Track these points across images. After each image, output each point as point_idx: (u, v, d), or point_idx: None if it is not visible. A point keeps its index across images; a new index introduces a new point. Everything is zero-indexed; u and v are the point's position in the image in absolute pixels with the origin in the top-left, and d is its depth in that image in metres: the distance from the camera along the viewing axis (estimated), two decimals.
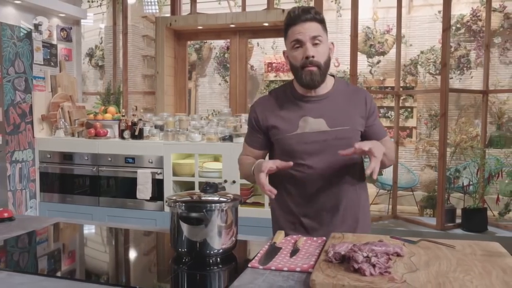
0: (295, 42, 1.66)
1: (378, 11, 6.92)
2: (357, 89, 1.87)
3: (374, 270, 1.17)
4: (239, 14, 5.01)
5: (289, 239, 1.58)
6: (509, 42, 6.56)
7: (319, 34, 1.65)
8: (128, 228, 1.82)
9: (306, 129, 1.70)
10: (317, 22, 1.66)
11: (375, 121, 1.81)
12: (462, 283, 1.12)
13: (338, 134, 1.70)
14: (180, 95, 5.47)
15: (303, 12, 1.65)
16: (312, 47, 1.65)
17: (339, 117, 1.72)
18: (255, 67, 7.91)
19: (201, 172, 3.60)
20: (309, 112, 1.72)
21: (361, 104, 1.76)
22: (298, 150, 1.71)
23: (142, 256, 1.58)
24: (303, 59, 1.66)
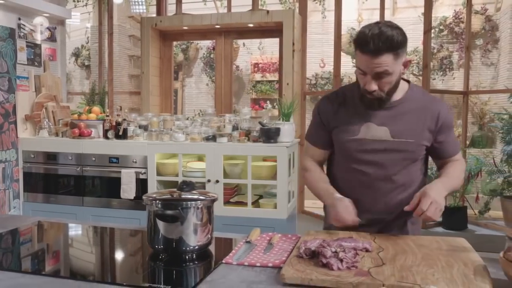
0: (359, 69, 1.56)
1: (363, 13, 7.01)
2: (432, 100, 1.67)
3: (341, 265, 1.22)
4: (224, 15, 5.05)
5: (264, 236, 1.62)
6: (490, 44, 6.68)
7: (386, 69, 1.50)
8: (106, 226, 1.85)
9: (367, 135, 1.62)
10: (390, 52, 1.48)
11: (447, 137, 1.66)
12: (424, 276, 1.17)
13: (400, 146, 1.61)
14: (166, 95, 5.49)
15: (372, 41, 1.46)
16: (376, 81, 1.53)
17: (404, 128, 1.61)
18: (241, 67, 7.95)
19: (185, 172, 3.63)
20: (374, 119, 1.62)
21: (433, 117, 1.62)
22: (356, 156, 1.65)
23: (119, 252, 1.61)
24: (364, 86, 1.57)
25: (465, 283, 1.12)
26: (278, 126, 3.51)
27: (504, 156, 5.12)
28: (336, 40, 4.98)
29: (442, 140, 1.65)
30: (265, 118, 3.75)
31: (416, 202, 1.48)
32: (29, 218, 1.97)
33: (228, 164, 3.62)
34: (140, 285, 1.20)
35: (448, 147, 1.67)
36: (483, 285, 1.11)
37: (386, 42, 1.45)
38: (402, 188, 1.65)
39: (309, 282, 1.17)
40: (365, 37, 1.47)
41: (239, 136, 3.56)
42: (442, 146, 1.66)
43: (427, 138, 1.62)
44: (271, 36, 5.42)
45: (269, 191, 3.76)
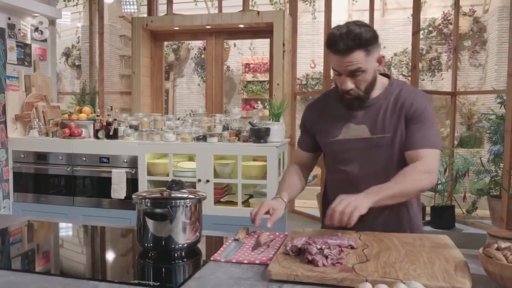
0: (334, 70, 1.57)
1: (353, 14, 7.07)
2: (408, 91, 1.65)
3: (326, 261, 1.25)
4: (215, 15, 5.07)
5: (252, 234, 1.65)
6: (478, 45, 6.77)
7: (359, 66, 1.52)
8: (96, 225, 1.87)
9: (347, 135, 1.66)
10: (360, 49, 1.49)
11: (419, 129, 1.59)
12: (406, 271, 1.21)
13: (378, 142, 1.62)
14: (157, 95, 5.50)
15: (341, 40, 1.48)
16: (352, 79, 1.55)
17: (381, 123, 1.62)
18: (232, 67, 7.97)
19: (176, 172, 3.64)
20: (353, 119, 1.65)
21: (405, 108, 1.61)
22: (338, 156, 1.69)
23: (109, 250, 1.63)
24: (341, 87, 1.59)
25: (445, 278, 1.16)
26: (268, 126, 3.54)
27: (491, 156, 5.20)
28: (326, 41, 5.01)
29: (410, 130, 1.59)
30: (255, 118, 3.78)
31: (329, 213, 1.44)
32: (19, 218, 1.98)
33: (219, 164, 3.64)
34: (129, 282, 1.22)
35: (414, 138, 1.58)
36: (462, 280, 1.14)
37: (355, 40, 1.48)
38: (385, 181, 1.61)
39: (294, 278, 1.20)
40: (334, 38, 1.50)
41: (230, 136, 3.59)
42: (409, 136, 1.59)
43: (401, 130, 1.61)
44: (262, 37, 5.45)
45: (259, 190, 3.79)
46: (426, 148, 1.57)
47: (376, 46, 1.55)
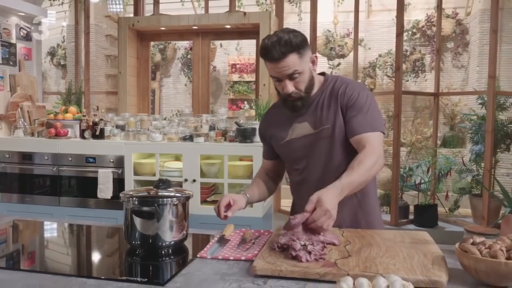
0: (273, 77, 1.66)
1: (339, 15, 7.14)
2: (341, 82, 1.73)
3: (309, 257, 1.29)
4: (202, 16, 5.09)
5: (237, 232, 1.69)
6: (461, 47, 6.89)
7: (295, 69, 1.60)
8: (83, 224, 1.88)
9: (293, 135, 1.75)
10: (292, 53, 1.58)
11: (355, 116, 1.64)
12: (386, 266, 1.25)
13: (321, 134, 1.69)
14: (143, 95, 5.50)
15: (274, 48, 1.57)
16: (291, 82, 1.63)
17: (320, 117, 1.70)
18: (218, 68, 7.99)
19: (162, 172, 3.66)
20: (296, 118, 1.75)
21: (338, 97, 1.69)
22: (289, 157, 1.80)
23: (97, 248, 1.65)
24: (283, 92, 1.66)
25: (423, 272, 1.21)
26: (254, 126, 3.58)
27: (473, 156, 5.30)
28: (312, 42, 5.07)
29: (348, 118, 1.66)
30: (241, 119, 3.81)
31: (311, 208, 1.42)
32: (4, 218, 1.99)
33: (205, 163, 3.66)
34: (117, 279, 1.25)
35: (353, 125, 1.64)
36: (439, 274, 1.19)
37: (286, 45, 1.56)
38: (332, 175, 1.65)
39: (279, 273, 1.24)
40: (267, 47, 1.58)
41: (216, 136, 3.62)
42: (348, 124, 1.66)
43: (339, 119, 1.67)
44: (248, 38, 5.48)
45: (245, 190, 3.81)
46: (367, 132, 1.62)
47: (307, 48, 1.63)
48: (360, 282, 1.10)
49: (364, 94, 1.68)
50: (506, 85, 5.73)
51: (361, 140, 1.62)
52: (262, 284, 1.21)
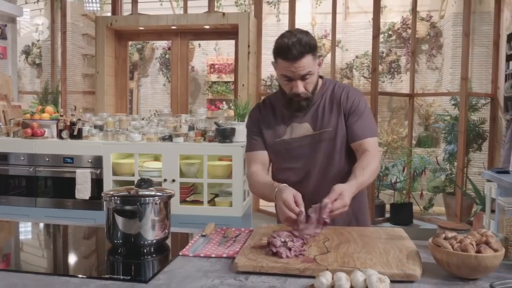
0: (284, 76, 1.67)
1: (316, 17, 7.21)
2: (341, 88, 1.81)
3: (290, 253, 1.33)
4: (180, 16, 5.09)
5: (219, 230, 1.71)
6: (435, 49, 7.05)
7: (309, 70, 1.64)
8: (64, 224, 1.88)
9: (292, 134, 1.78)
10: (309, 54, 1.62)
11: (357, 121, 1.74)
12: (363, 261, 1.30)
13: (321, 137, 1.75)
14: (121, 95, 5.47)
15: (294, 47, 1.59)
16: (302, 82, 1.66)
17: (322, 119, 1.76)
18: (197, 68, 7.98)
19: (141, 172, 3.65)
20: (295, 118, 1.78)
21: (340, 103, 1.76)
22: (286, 155, 1.80)
23: (78, 248, 1.65)
24: (291, 91, 1.69)
25: (398, 266, 1.26)
26: (234, 126, 3.61)
27: (446, 155, 5.44)
28: None
29: (350, 123, 1.75)
30: (220, 119, 3.84)
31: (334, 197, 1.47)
32: None
33: (184, 163, 3.67)
34: (101, 277, 1.26)
35: (357, 130, 1.73)
36: (413, 267, 1.25)
37: (305, 46, 1.60)
38: (331, 176, 1.76)
39: (260, 270, 1.27)
40: (287, 46, 1.60)
41: (195, 136, 3.63)
42: (350, 128, 1.74)
43: (341, 123, 1.75)
44: (227, 38, 5.51)
45: (224, 189, 3.84)
46: (368, 138, 1.74)
47: (317, 51, 1.69)
48: (339, 277, 1.14)
49: (363, 101, 1.80)
50: (478, 87, 5.90)
51: (363, 144, 1.72)
52: (244, 280, 1.24)
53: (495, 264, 1.23)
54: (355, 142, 1.74)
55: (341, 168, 1.77)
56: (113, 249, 1.52)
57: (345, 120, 1.75)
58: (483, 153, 5.43)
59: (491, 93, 5.19)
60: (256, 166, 1.83)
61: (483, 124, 5.31)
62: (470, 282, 1.23)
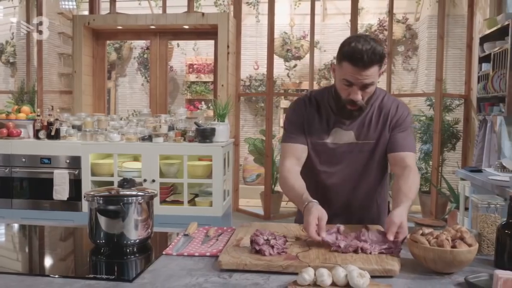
0: (345, 81, 1.63)
1: (295, 18, 7.28)
2: (391, 99, 1.80)
3: (272, 251, 1.36)
4: (160, 16, 5.07)
5: (201, 229, 1.73)
6: (410, 51, 7.20)
7: (373, 80, 1.61)
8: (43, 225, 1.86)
9: (335, 139, 1.76)
10: (377, 64, 1.59)
11: (401, 133, 1.75)
12: (344, 257, 1.34)
13: (363, 147, 1.76)
14: (99, 95, 5.41)
15: (366, 54, 1.55)
16: (361, 91, 1.64)
17: (367, 130, 1.75)
18: (175, 68, 7.96)
19: (120, 172, 3.63)
20: (341, 124, 1.75)
21: (387, 116, 1.76)
22: (324, 158, 1.79)
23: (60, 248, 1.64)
24: (348, 97, 1.65)
25: (378, 262, 1.30)
26: (214, 126, 3.62)
27: (422, 155, 5.56)
28: (270, 44, 5.17)
29: (394, 135, 1.75)
30: (200, 119, 3.84)
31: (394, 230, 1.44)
32: None
33: (164, 163, 3.67)
34: (85, 277, 1.26)
35: (399, 141, 1.74)
36: (392, 263, 1.29)
37: (376, 56, 1.56)
38: (365, 186, 1.81)
39: (243, 267, 1.29)
40: (360, 52, 1.55)
41: (175, 136, 3.63)
42: (393, 139, 1.75)
43: (385, 137, 1.76)
44: (206, 38, 5.51)
45: (204, 189, 3.86)
46: (408, 152, 1.74)
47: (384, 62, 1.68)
48: (321, 272, 1.17)
49: (410, 117, 1.81)
50: (452, 88, 6.05)
51: (405, 158, 1.72)
52: (228, 278, 1.26)
53: (470, 258, 1.28)
54: (395, 153, 1.73)
55: (374, 178, 1.81)
56: (96, 249, 1.52)
57: (389, 131, 1.76)
58: (457, 153, 5.58)
59: (465, 94, 5.33)
60: (290, 160, 1.78)
61: (457, 124, 5.45)
62: (445, 276, 1.28)
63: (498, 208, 1.50)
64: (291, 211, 5.54)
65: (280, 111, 7.53)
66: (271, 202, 5.29)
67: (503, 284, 1.15)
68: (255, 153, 5.64)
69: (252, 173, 6.76)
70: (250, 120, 7.73)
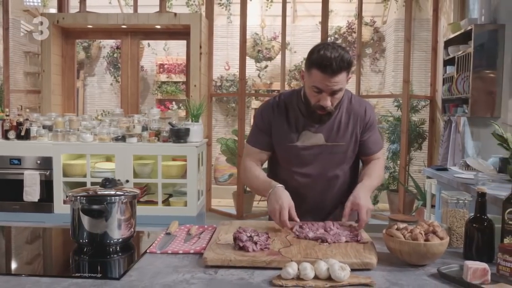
0: (314, 88, 1.66)
1: (266, 19, 7.34)
2: (358, 103, 1.86)
3: (255, 247, 1.40)
4: (131, 15, 5.03)
5: (182, 228, 1.75)
6: (378, 53, 7.39)
7: (341, 86, 1.66)
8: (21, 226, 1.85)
9: (305, 142, 1.80)
10: (345, 71, 1.64)
11: (371, 136, 1.85)
12: (324, 252, 1.40)
13: (333, 149, 1.81)
14: (69, 94, 5.33)
15: (335, 62, 1.60)
16: (330, 97, 1.68)
17: (336, 133, 1.80)
18: (146, 67, 7.89)
19: (93, 173, 3.60)
20: (310, 127, 1.80)
21: (358, 119, 1.82)
22: (294, 160, 1.84)
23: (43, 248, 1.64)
24: (318, 103, 1.70)
25: (356, 255, 1.36)
26: (188, 126, 3.63)
27: (390, 154, 5.72)
28: (242, 45, 5.21)
29: (365, 139, 1.85)
30: (174, 119, 3.85)
31: (348, 211, 1.63)
32: None
33: (138, 164, 3.66)
34: (72, 276, 1.27)
35: (371, 145, 1.86)
36: (370, 256, 1.36)
37: (345, 62, 1.62)
38: (337, 185, 1.89)
39: (228, 263, 1.33)
40: (328, 59, 1.60)
41: (149, 136, 3.62)
42: (365, 144, 1.85)
43: (355, 138, 1.83)
44: (179, 38, 5.50)
45: (178, 189, 3.86)
46: (380, 151, 1.92)
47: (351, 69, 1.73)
48: (304, 266, 1.23)
49: (374, 114, 1.90)
50: (418, 89, 6.25)
51: (373, 157, 1.90)
52: (214, 274, 1.30)
53: (442, 250, 1.36)
54: (368, 156, 1.88)
55: (345, 178, 1.89)
56: (79, 248, 1.53)
57: (359, 133, 1.83)
58: (423, 152, 5.77)
59: (430, 96, 5.52)
60: (253, 161, 1.88)
61: (423, 124, 5.64)
62: (419, 268, 1.36)
63: (467, 203, 1.59)
64: (263, 211, 5.59)
65: (251, 112, 7.57)
66: (244, 202, 5.33)
67: (473, 273, 1.23)
68: (228, 153, 5.67)
69: (224, 173, 6.78)
70: (221, 120, 7.75)
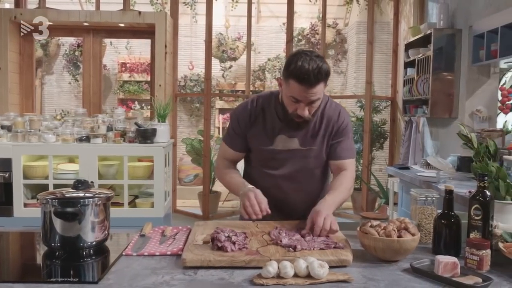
0: (292, 98, 1.67)
1: (230, 19, 7.34)
2: (332, 108, 1.86)
3: (234, 247, 1.41)
4: (94, 12, 4.92)
5: (156, 229, 1.74)
6: (340, 55, 7.53)
7: (319, 96, 1.68)
8: None
9: (279, 146, 1.83)
10: (323, 82, 1.65)
11: (342, 142, 1.85)
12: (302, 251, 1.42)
13: (307, 153, 1.84)
14: (27, 93, 5.15)
15: (313, 74, 1.60)
16: (307, 106, 1.69)
17: (311, 137, 1.82)
18: (108, 66, 7.73)
19: (56, 174, 3.49)
20: (285, 131, 1.81)
21: (332, 121, 1.83)
22: (269, 162, 1.86)
23: (12, 253, 1.58)
24: (295, 112, 1.71)
25: (333, 253, 1.40)
26: (155, 127, 3.59)
27: None
28: (208, 45, 5.19)
29: (335, 142, 1.85)
30: (139, 119, 3.79)
31: (310, 223, 1.59)
32: None
33: (102, 165, 3.58)
34: (47, 281, 1.23)
35: (340, 150, 1.85)
36: (346, 253, 1.39)
37: (323, 74, 1.64)
38: (308, 188, 1.91)
39: (207, 264, 1.33)
40: (307, 72, 1.61)
41: (115, 136, 3.55)
42: (335, 148, 1.85)
43: (326, 142, 1.85)
44: (143, 37, 5.42)
45: (144, 190, 3.81)
46: (347, 159, 1.87)
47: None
48: (284, 265, 1.25)
49: (349, 122, 1.90)
50: (379, 90, 6.42)
51: (343, 164, 1.86)
52: (193, 274, 1.30)
53: (413, 246, 1.41)
54: (336, 161, 1.86)
55: (316, 180, 1.92)
56: (50, 253, 1.48)
57: (330, 138, 1.85)
58: (384, 151, 5.94)
59: (391, 97, 5.68)
60: (225, 161, 1.94)
61: (384, 124, 5.80)
62: (393, 264, 1.40)
63: (434, 200, 1.66)
64: (229, 211, 5.60)
65: (215, 112, 7.56)
66: (209, 202, 5.31)
67: (444, 267, 1.29)
68: (193, 154, 5.63)
69: (188, 174, 6.73)
70: (185, 121, 7.69)
